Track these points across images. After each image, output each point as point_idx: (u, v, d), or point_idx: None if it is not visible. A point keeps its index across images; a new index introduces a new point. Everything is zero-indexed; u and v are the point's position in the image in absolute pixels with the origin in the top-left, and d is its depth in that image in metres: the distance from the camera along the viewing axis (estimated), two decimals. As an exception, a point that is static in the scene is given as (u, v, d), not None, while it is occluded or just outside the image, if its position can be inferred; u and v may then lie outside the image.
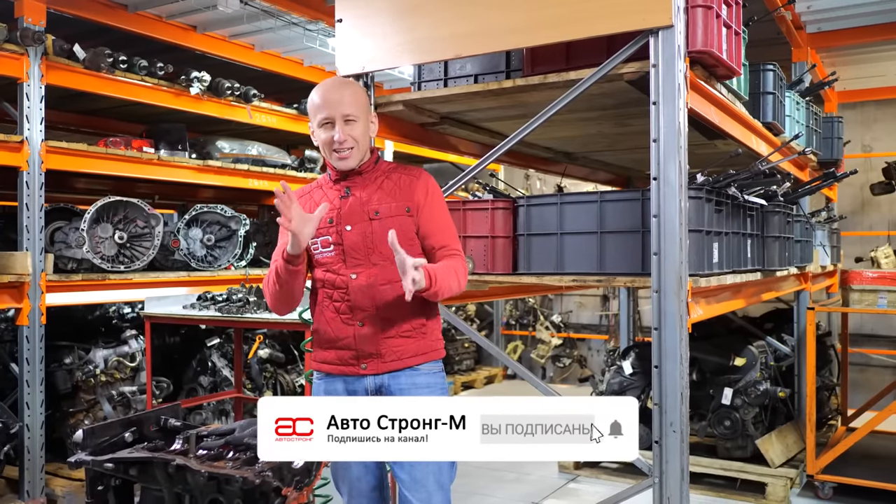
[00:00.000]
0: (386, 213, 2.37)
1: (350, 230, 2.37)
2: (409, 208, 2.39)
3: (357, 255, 2.37)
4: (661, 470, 2.65)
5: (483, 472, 5.11)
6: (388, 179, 2.43)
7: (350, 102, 2.38)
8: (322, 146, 2.42)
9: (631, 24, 2.65)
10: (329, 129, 2.37)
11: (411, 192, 2.41)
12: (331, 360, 2.42)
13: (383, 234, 2.29)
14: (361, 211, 2.38)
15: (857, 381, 7.25)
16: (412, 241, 2.38)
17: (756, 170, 3.37)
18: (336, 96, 2.38)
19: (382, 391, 2.37)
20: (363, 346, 2.35)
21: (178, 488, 1.95)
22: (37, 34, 4.22)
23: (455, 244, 2.45)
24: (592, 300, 9.08)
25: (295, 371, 6.37)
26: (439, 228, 2.43)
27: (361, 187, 2.42)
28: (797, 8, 5.05)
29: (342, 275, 2.37)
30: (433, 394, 2.40)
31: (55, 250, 4.64)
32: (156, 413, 2.21)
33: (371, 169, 2.45)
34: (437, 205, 2.45)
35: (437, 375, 2.45)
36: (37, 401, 4.33)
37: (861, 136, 7.73)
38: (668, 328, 2.64)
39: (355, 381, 2.38)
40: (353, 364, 2.37)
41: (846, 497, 4.57)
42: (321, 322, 2.43)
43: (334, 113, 2.35)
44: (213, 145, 5.70)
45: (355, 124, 2.37)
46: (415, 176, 2.46)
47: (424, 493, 2.33)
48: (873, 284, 4.60)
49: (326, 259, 2.40)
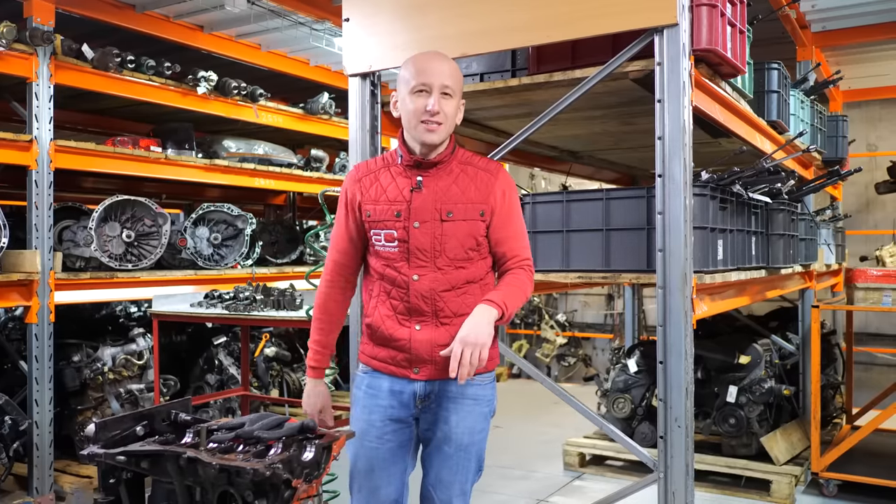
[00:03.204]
0: (459, 215, 2.26)
1: (418, 228, 2.26)
2: (483, 212, 2.27)
3: (423, 256, 2.26)
4: (667, 465, 2.67)
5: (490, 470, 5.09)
6: (463, 173, 2.31)
7: (451, 75, 2.26)
8: (409, 116, 2.26)
9: (636, 22, 2.67)
10: (424, 97, 2.23)
11: (487, 192, 2.29)
12: (382, 358, 2.35)
13: (454, 236, 2.25)
14: (433, 208, 2.26)
15: (862, 379, 7.25)
16: (480, 246, 2.30)
17: (760, 167, 3.38)
18: (439, 66, 2.26)
19: (430, 396, 2.33)
20: (419, 351, 2.28)
21: (189, 481, 1.97)
22: (45, 34, 4.25)
23: (525, 253, 2.35)
24: (597, 299, 9.09)
25: (301, 369, 6.40)
26: (512, 235, 2.33)
27: (435, 179, 2.29)
28: (802, 7, 5.06)
29: (404, 274, 2.28)
30: (478, 406, 2.35)
31: (64, 249, 4.68)
32: (166, 407, 2.23)
33: (447, 159, 2.31)
34: (512, 209, 2.34)
35: (487, 387, 2.39)
36: (45, 398, 4.36)
37: (866, 135, 7.73)
38: (672, 324, 2.66)
39: (404, 383, 2.33)
40: (406, 367, 2.31)
41: (850, 494, 4.58)
42: (376, 317, 2.34)
43: (434, 81, 2.23)
44: (220, 144, 5.74)
45: (450, 100, 2.26)
46: (492, 173, 2.33)
47: (446, 495, 2.34)
48: (878, 283, 4.62)
49: (389, 254, 2.30)
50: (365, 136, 3.28)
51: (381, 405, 2.36)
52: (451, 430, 2.32)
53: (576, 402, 3.13)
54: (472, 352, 2.08)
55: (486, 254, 2.34)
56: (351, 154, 3.31)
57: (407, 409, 2.35)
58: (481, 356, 2.09)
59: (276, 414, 2.18)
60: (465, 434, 2.33)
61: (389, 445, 2.36)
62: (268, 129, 6.13)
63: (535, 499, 4.71)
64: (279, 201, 7.99)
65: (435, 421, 2.35)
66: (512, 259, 2.33)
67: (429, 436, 2.38)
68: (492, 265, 2.39)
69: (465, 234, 2.27)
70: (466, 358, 2.08)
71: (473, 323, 2.13)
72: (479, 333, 2.11)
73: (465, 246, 2.28)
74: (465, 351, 2.08)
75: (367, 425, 2.37)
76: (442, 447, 2.34)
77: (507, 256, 2.33)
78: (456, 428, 2.32)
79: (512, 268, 2.33)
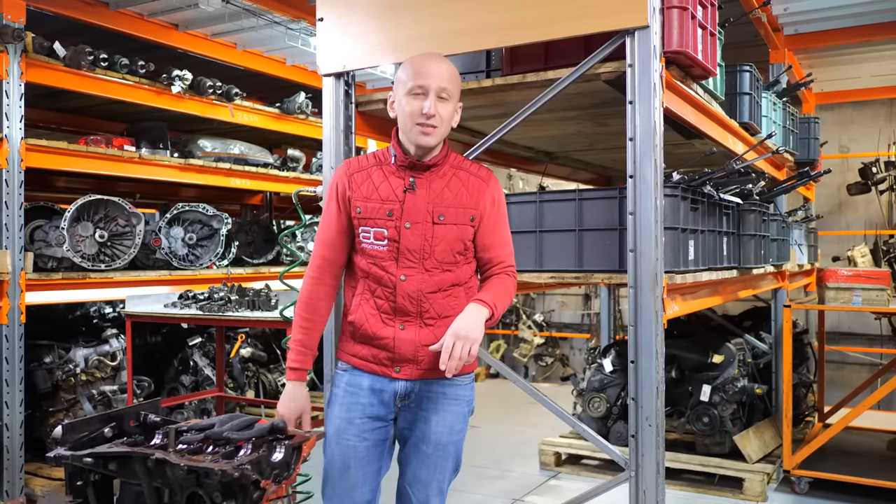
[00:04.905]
0: (451, 219, 2.27)
1: (409, 228, 2.26)
2: (473, 217, 2.30)
3: (412, 257, 2.26)
4: (637, 463, 2.69)
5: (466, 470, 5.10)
6: (455, 177, 2.32)
7: (449, 78, 2.27)
8: (405, 118, 2.26)
9: (607, 24, 2.69)
10: (420, 100, 2.23)
11: (479, 198, 2.32)
12: (363, 356, 2.35)
13: (444, 239, 2.26)
14: (426, 210, 2.27)
15: (834, 378, 7.36)
16: (467, 250, 2.33)
17: (731, 168, 3.42)
18: (436, 69, 2.26)
19: (411, 396, 2.34)
20: (402, 351, 2.29)
21: (157, 482, 1.96)
22: (16, 31, 4.20)
23: (510, 259, 2.39)
24: (574, 299, 9.14)
25: (277, 370, 6.38)
26: (499, 242, 2.37)
27: (428, 181, 2.30)
28: (774, 10, 5.12)
29: (391, 273, 2.27)
30: (458, 406, 2.37)
31: (35, 249, 4.62)
32: (135, 409, 2.22)
33: (441, 162, 2.32)
34: (500, 216, 2.38)
35: (467, 387, 2.41)
36: (16, 400, 4.30)
37: (838, 137, 7.84)
38: (643, 324, 2.68)
39: (386, 382, 2.32)
40: (388, 366, 2.31)
41: (822, 492, 4.64)
42: (359, 315, 2.33)
43: (431, 84, 2.23)
44: (195, 144, 5.70)
45: (447, 103, 2.27)
46: (484, 180, 2.35)
47: (423, 494, 2.35)
48: (848, 283, 4.67)
49: (376, 252, 2.29)
50: (339, 136, 3.27)
51: (360, 403, 2.36)
52: (430, 429, 2.34)
53: (549, 402, 3.14)
54: (463, 346, 2.10)
55: (472, 258, 2.37)
56: (325, 154, 3.30)
57: (386, 408, 2.35)
58: (471, 352, 2.10)
59: (247, 415, 2.18)
60: (445, 433, 2.35)
61: (367, 444, 2.35)
62: (244, 128, 6.10)
63: (511, 498, 4.73)
64: (256, 201, 7.95)
65: (414, 420, 2.36)
66: (498, 265, 2.36)
67: (407, 435, 2.39)
68: (475, 269, 2.41)
69: (455, 238, 2.29)
70: (457, 352, 2.09)
71: (466, 319, 2.15)
72: (471, 329, 2.13)
73: (454, 249, 2.30)
74: (456, 344, 2.10)
75: (346, 423, 2.36)
76: (420, 446, 2.35)
77: (493, 262, 2.36)
78: (436, 427, 2.34)
79: (498, 272, 2.36)
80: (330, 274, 2.41)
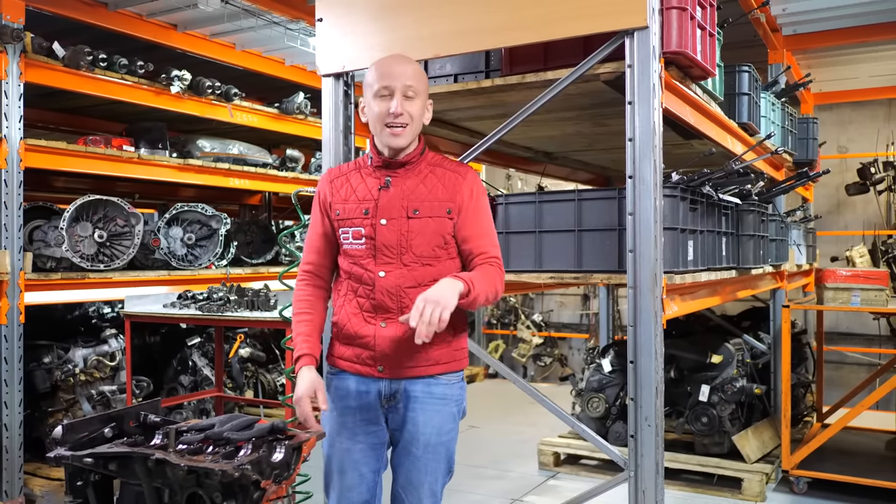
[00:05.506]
0: (425, 212, 2.28)
1: (385, 225, 2.28)
2: (450, 209, 2.29)
3: (389, 252, 2.28)
4: (637, 463, 2.69)
5: (464, 469, 5.15)
6: (431, 174, 2.33)
7: (413, 76, 2.28)
8: (374, 120, 2.30)
9: (607, 25, 2.69)
10: (386, 101, 2.26)
11: (455, 191, 2.31)
12: (347, 357, 2.35)
13: (421, 233, 2.26)
14: (400, 206, 2.28)
15: (833, 378, 7.37)
16: (448, 244, 2.31)
17: (730, 169, 3.42)
18: (400, 68, 2.28)
19: (397, 396, 2.32)
20: (383, 348, 2.28)
21: (157, 483, 1.96)
22: (15, 32, 4.20)
23: (494, 251, 2.36)
24: (573, 299, 9.14)
25: (276, 370, 6.38)
26: (479, 233, 2.34)
27: (403, 179, 2.31)
28: (773, 10, 5.13)
29: (370, 270, 2.29)
30: (446, 406, 2.34)
31: (34, 249, 4.62)
32: (136, 409, 2.21)
33: (416, 160, 2.34)
34: (480, 208, 2.35)
35: (455, 386, 2.37)
36: (15, 400, 4.30)
37: (837, 137, 7.85)
38: (643, 324, 2.68)
39: (370, 382, 2.32)
40: (370, 365, 2.31)
41: (820, 492, 4.65)
42: (342, 316, 2.35)
43: (395, 83, 2.25)
44: (194, 144, 5.69)
45: (414, 101, 2.28)
46: (460, 174, 2.35)
47: (416, 497, 2.34)
48: (847, 283, 4.67)
49: (355, 251, 2.32)
50: (338, 137, 3.27)
51: (350, 406, 2.36)
52: (418, 430, 2.32)
53: (548, 402, 3.14)
54: (433, 310, 2.05)
55: (455, 254, 2.35)
56: (324, 155, 3.30)
57: (374, 410, 2.35)
58: (441, 317, 2.05)
59: (246, 415, 2.18)
60: (433, 434, 2.33)
61: (361, 446, 2.36)
62: (243, 128, 6.10)
63: (510, 498, 4.73)
64: (255, 201, 7.95)
65: (402, 422, 2.34)
66: (480, 255, 2.33)
67: (397, 437, 2.38)
68: (461, 266, 2.39)
69: (433, 232, 2.28)
70: (427, 315, 2.05)
71: (437, 286, 2.14)
72: (441, 295, 2.09)
73: (433, 243, 2.29)
74: (426, 307, 2.06)
75: (339, 426, 2.37)
76: (410, 448, 2.34)
77: (474, 253, 2.34)
78: (423, 428, 2.32)
79: (481, 263, 2.33)
80: (319, 278, 2.44)
